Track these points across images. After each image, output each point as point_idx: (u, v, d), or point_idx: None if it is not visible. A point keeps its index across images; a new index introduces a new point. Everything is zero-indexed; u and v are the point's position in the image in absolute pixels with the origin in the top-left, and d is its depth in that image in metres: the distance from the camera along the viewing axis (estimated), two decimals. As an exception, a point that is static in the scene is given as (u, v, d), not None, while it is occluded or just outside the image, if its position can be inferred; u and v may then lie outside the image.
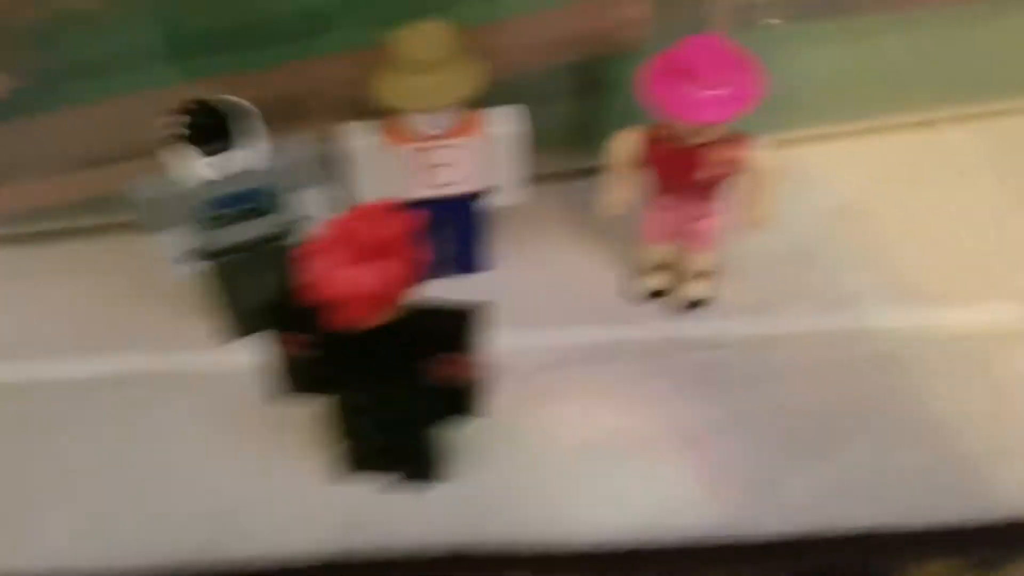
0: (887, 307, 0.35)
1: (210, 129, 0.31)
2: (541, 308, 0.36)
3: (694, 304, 0.36)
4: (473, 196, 0.35)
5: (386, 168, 0.34)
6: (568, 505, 0.30)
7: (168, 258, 0.32)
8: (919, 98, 0.42)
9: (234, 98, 0.32)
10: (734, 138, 0.32)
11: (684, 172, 0.32)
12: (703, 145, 0.31)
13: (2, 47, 0.34)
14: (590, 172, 0.41)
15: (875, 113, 0.43)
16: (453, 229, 0.36)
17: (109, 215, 0.39)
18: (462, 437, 0.30)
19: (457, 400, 0.28)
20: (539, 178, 0.36)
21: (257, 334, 0.29)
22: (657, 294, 0.36)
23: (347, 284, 0.24)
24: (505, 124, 0.34)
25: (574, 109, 0.40)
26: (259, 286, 0.33)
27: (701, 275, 0.35)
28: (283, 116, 0.36)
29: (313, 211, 0.33)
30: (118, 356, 0.35)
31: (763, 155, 0.32)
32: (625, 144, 0.33)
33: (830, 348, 0.34)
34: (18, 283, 0.39)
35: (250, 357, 0.31)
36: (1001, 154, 0.41)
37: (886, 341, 0.34)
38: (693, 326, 0.35)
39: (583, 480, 0.31)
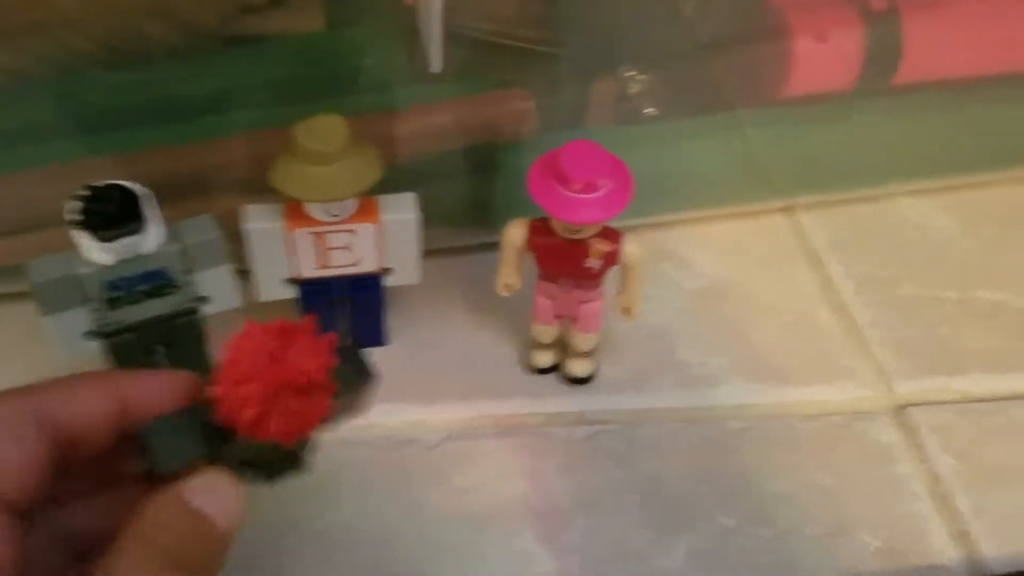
0: (747, 385, 0.39)
1: (104, 215, 0.31)
2: (436, 383, 0.38)
3: (578, 381, 0.38)
4: (370, 277, 0.37)
5: (282, 250, 0.35)
6: (472, 572, 0.32)
7: (61, 338, 0.33)
8: (777, 186, 0.47)
9: (129, 183, 0.32)
10: (608, 233, 0.34)
11: (565, 262, 0.35)
12: (580, 239, 0.34)
13: None
14: (481, 248, 0.43)
15: (738, 199, 0.47)
16: (350, 308, 0.38)
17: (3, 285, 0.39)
18: (370, 508, 0.32)
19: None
20: (432, 253, 0.38)
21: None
22: (545, 371, 0.39)
23: (310, 424, 0.23)
24: (401, 210, 0.35)
25: (466, 189, 0.42)
26: (155, 365, 0.34)
27: (585, 354, 0.38)
28: (183, 195, 0.37)
29: (213, 291, 0.34)
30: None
31: (633, 250, 0.34)
32: (514, 233, 0.35)
33: (697, 424, 0.37)
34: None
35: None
36: (850, 239, 0.46)
37: (746, 418, 0.37)
38: (576, 402, 0.38)
39: (481, 551, 0.33)
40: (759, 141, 0.45)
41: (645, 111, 0.44)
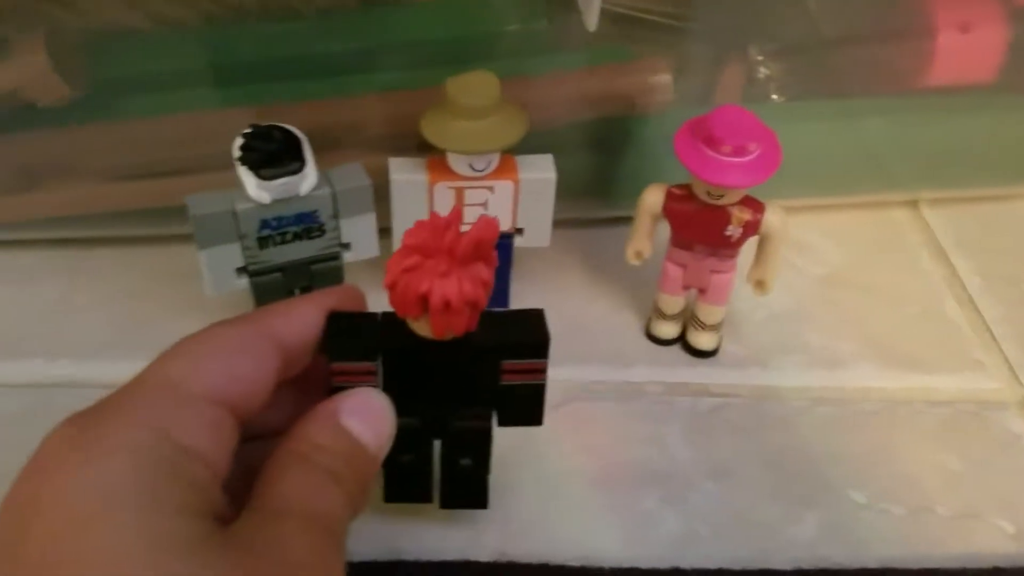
0: (874, 370, 0.38)
1: (266, 154, 0.32)
2: (556, 346, 0.37)
3: (702, 354, 0.38)
4: (501, 236, 0.37)
5: (423, 202, 0.36)
6: (592, 529, 0.32)
7: (212, 273, 0.34)
8: (902, 178, 0.46)
9: (290, 126, 0.33)
10: (751, 202, 0.34)
11: (703, 228, 0.35)
12: (722, 206, 0.34)
13: (64, 57, 0.36)
14: (602, 222, 0.44)
15: (862, 189, 0.46)
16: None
17: (150, 226, 0.40)
18: (492, 463, 0.32)
19: (524, 407, 0.28)
20: (559, 223, 0.38)
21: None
22: (668, 342, 0.39)
23: (455, 292, 0.24)
24: (540, 170, 0.36)
25: (596, 161, 0.43)
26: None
27: (710, 327, 0.37)
28: (317, 149, 0.38)
29: (356, 238, 0.35)
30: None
31: (775, 220, 0.34)
32: (651, 198, 0.35)
33: (823, 404, 0.37)
34: (53, 285, 0.40)
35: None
36: (975, 236, 0.45)
37: (872, 400, 0.37)
38: (699, 374, 0.38)
39: (605, 507, 0.33)
40: (884, 132, 0.44)
41: (772, 97, 0.44)
